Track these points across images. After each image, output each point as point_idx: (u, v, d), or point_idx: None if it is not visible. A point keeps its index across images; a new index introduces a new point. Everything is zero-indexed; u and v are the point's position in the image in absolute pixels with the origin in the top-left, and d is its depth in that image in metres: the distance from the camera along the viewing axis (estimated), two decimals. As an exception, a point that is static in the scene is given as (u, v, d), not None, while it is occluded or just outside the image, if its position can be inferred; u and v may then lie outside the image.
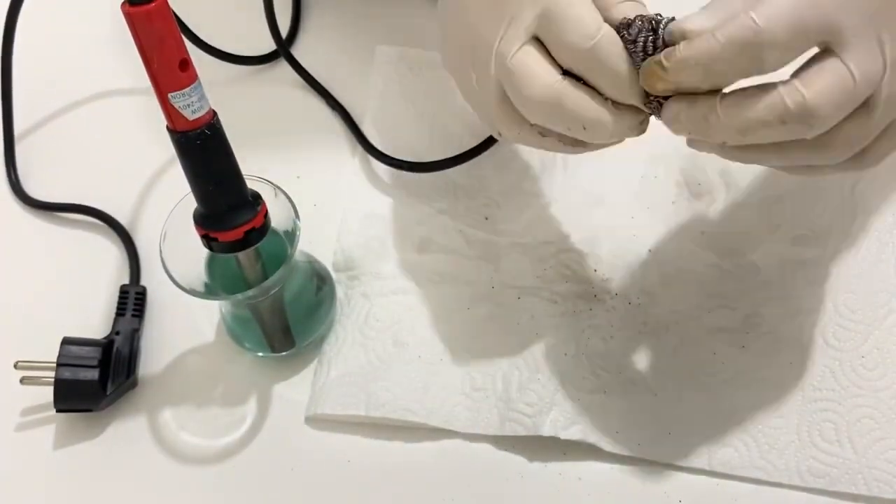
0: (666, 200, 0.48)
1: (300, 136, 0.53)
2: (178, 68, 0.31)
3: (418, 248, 0.48)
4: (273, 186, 0.40)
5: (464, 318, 0.46)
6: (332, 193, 0.51)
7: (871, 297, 0.44)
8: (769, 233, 0.46)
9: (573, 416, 0.42)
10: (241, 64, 0.55)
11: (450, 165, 0.49)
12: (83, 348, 0.44)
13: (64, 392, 0.43)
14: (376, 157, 0.50)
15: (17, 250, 0.51)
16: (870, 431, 0.41)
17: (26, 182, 0.53)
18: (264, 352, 0.45)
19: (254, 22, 0.54)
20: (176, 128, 0.33)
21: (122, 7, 0.30)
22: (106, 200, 0.51)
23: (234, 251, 0.37)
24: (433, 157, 0.50)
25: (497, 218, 0.49)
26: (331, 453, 0.44)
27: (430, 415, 0.43)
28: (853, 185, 0.46)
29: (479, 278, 0.47)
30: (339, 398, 0.44)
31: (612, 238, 0.47)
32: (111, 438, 0.45)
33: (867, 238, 0.45)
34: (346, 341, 0.46)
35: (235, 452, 0.44)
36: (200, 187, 0.35)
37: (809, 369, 0.43)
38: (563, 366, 0.43)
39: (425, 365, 0.45)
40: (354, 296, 0.47)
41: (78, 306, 0.48)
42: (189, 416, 0.45)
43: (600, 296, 0.45)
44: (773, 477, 0.41)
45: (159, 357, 0.47)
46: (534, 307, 0.45)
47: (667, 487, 0.41)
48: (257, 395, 0.46)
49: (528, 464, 0.43)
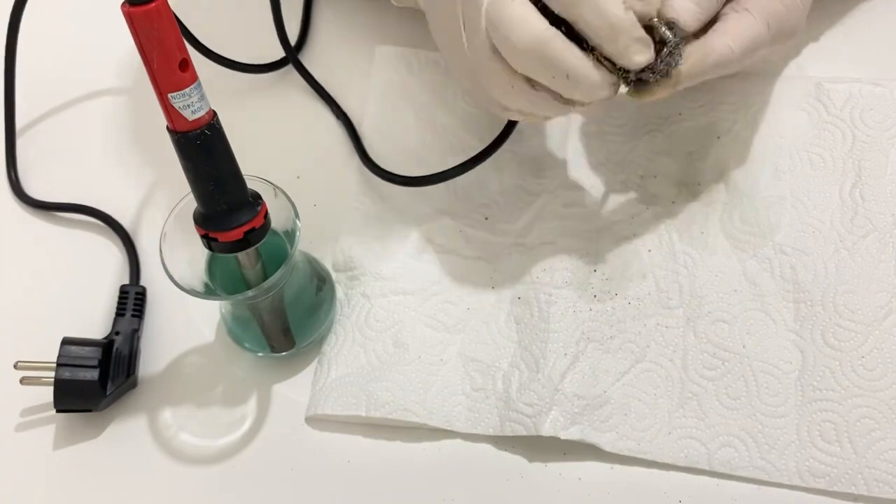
0: (666, 200, 0.48)
1: (300, 136, 0.53)
2: (178, 68, 0.31)
3: (418, 248, 0.48)
4: (273, 186, 0.40)
5: (464, 317, 0.46)
6: (332, 193, 0.51)
7: (871, 297, 0.44)
8: (769, 232, 0.46)
9: (573, 416, 0.42)
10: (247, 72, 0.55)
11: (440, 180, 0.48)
12: (83, 348, 0.44)
13: (64, 392, 0.43)
14: (373, 171, 0.50)
15: (17, 250, 0.51)
16: (870, 431, 0.41)
17: (26, 182, 0.53)
18: (264, 352, 0.45)
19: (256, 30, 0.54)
20: (176, 128, 0.33)
21: (122, 7, 0.30)
22: (106, 200, 0.51)
23: (234, 251, 0.37)
24: (432, 157, 0.50)
25: (497, 218, 0.49)
26: (331, 453, 0.44)
27: (430, 415, 0.43)
28: (853, 185, 0.46)
29: (478, 278, 0.47)
30: (340, 398, 0.44)
31: (612, 238, 0.47)
32: (111, 438, 0.45)
33: (867, 238, 0.45)
34: (346, 341, 0.46)
35: (235, 452, 0.44)
36: (200, 187, 0.35)
37: (809, 369, 0.43)
38: (563, 366, 0.43)
39: (425, 365, 0.45)
40: (354, 296, 0.47)
41: (78, 306, 0.48)
42: (189, 416, 0.45)
43: (600, 296, 0.45)
44: (773, 477, 0.41)
45: (159, 357, 0.47)
46: (534, 307, 0.45)
47: (667, 487, 0.41)
48: (257, 395, 0.46)
49: (528, 464, 0.43)
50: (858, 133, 0.48)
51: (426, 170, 0.50)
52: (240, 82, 0.55)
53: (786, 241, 0.46)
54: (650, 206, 0.48)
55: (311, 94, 0.54)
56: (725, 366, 0.43)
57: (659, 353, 0.44)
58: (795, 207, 0.46)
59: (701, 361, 0.44)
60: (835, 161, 0.47)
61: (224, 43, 0.54)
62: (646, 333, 0.44)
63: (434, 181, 0.48)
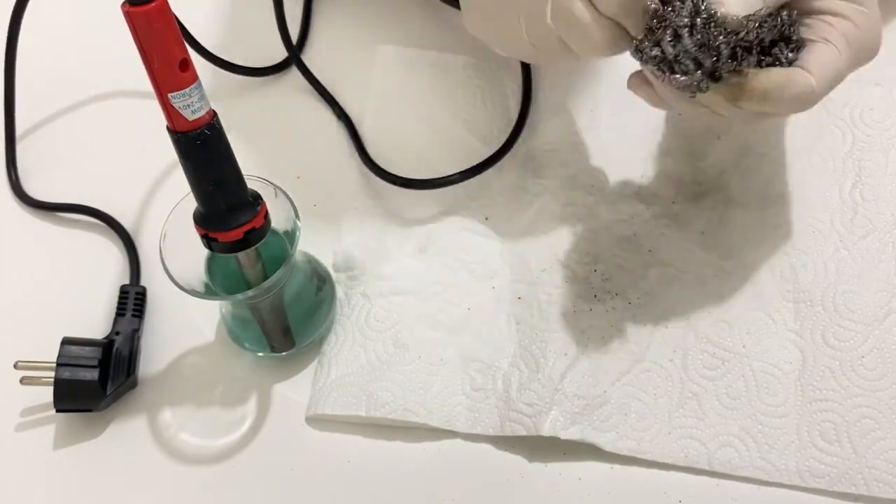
0: (666, 200, 0.48)
1: (300, 136, 0.53)
2: (178, 68, 0.31)
3: (418, 249, 0.48)
4: (273, 186, 0.40)
5: (464, 318, 0.46)
6: (332, 193, 0.51)
7: (871, 297, 0.44)
8: (769, 232, 0.46)
9: (573, 416, 0.42)
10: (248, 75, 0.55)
11: (443, 185, 0.48)
12: (83, 348, 0.44)
13: (64, 392, 0.43)
14: (373, 171, 0.50)
15: (17, 250, 0.51)
16: (870, 431, 0.41)
17: (26, 182, 0.53)
18: (264, 352, 0.45)
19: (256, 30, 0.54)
20: (176, 128, 0.33)
21: (122, 7, 0.30)
22: (106, 200, 0.51)
23: (234, 251, 0.37)
24: (433, 157, 0.50)
25: (497, 218, 0.49)
26: (331, 453, 0.44)
27: (430, 415, 0.43)
28: (853, 185, 0.47)
29: (478, 278, 0.47)
30: (340, 399, 0.44)
31: (612, 238, 0.47)
32: (111, 438, 0.45)
33: (867, 238, 0.45)
34: (346, 341, 0.46)
35: (235, 452, 0.44)
36: (200, 187, 0.35)
37: (809, 369, 0.43)
38: (563, 366, 0.43)
39: (425, 365, 0.45)
40: (354, 296, 0.47)
41: (78, 306, 0.48)
42: (189, 416, 0.45)
43: (600, 296, 0.45)
44: (773, 477, 0.41)
45: (159, 357, 0.47)
46: (534, 307, 0.45)
47: (667, 487, 0.41)
48: (257, 395, 0.46)
49: (528, 464, 0.43)
50: (858, 133, 0.48)
51: (427, 169, 0.50)
52: (240, 82, 0.55)
53: (786, 241, 0.46)
54: (650, 206, 0.48)
55: (311, 94, 0.54)
56: (725, 366, 0.43)
57: (659, 353, 0.44)
58: (795, 207, 0.46)
59: (701, 361, 0.44)
60: (835, 161, 0.47)
61: (224, 43, 0.54)
62: (646, 333, 0.44)
63: (436, 185, 0.48)
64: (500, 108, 0.52)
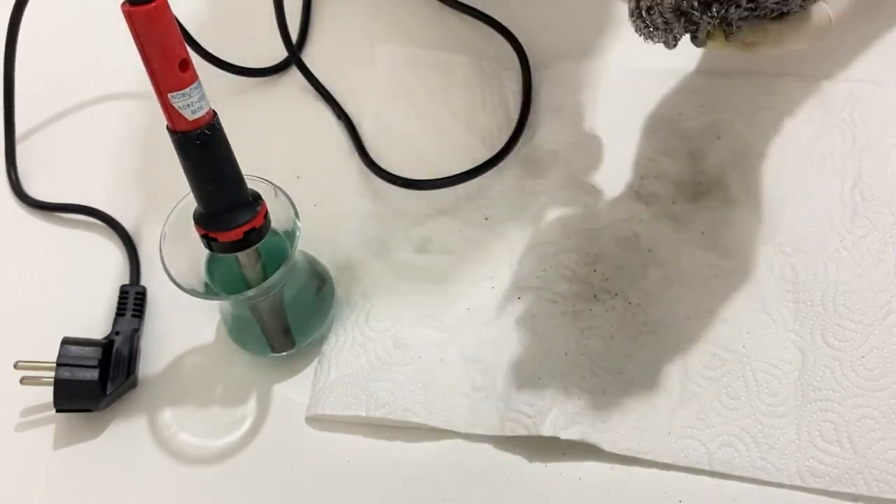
0: (666, 200, 0.48)
1: (300, 136, 0.53)
2: (178, 68, 0.31)
3: (418, 249, 0.48)
4: (273, 186, 0.40)
5: (464, 318, 0.46)
6: (332, 193, 0.51)
7: (871, 297, 0.44)
8: (769, 232, 0.46)
9: (573, 416, 0.42)
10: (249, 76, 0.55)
11: (443, 185, 0.48)
12: (83, 348, 0.44)
13: (64, 392, 0.43)
14: (373, 171, 0.50)
15: (17, 250, 0.51)
16: (870, 431, 0.41)
17: (26, 182, 0.53)
18: (264, 352, 0.45)
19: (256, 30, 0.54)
20: (176, 128, 0.33)
21: (122, 7, 0.30)
22: (106, 200, 0.51)
23: (233, 251, 0.37)
24: (433, 157, 0.51)
25: (497, 218, 0.49)
26: (331, 453, 0.44)
27: (430, 415, 0.43)
28: (853, 185, 0.47)
29: (479, 278, 0.47)
30: (340, 399, 0.44)
31: (612, 238, 0.47)
32: (111, 438, 0.45)
33: (867, 238, 0.45)
34: (346, 341, 0.46)
35: (235, 452, 0.44)
36: (200, 187, 0.35)
37: (809, 369, 0.43)
38: (563, 366, 0.43)
39: (425, 365, 0.45)
40: (354, 296, 0.47)
41: (78, 306, 0.48)
42: (189, 416, 0.45)
43: (600, 296, 0.45)
44: (773, 477, 0.41)
45: (159, 357, 0.47)
46: (534, 307, 0.45)
47: (667, 487, 0.41)
48: (257, 395, 0.46)
49: (528, 464, 0.43)
50: (858, 133, 0.48)
51: (427, 169, 0.50)
52: (240, 82, 0.55)
53: (786, 241, 0.46)
54: (650, 206, 0.48)
55: (311, 94, 0.54)
56: (725, 366, 0.43)
57: (659, 353, 0.44)
58: (795, 207, 0.46)
59: (701, 361, 0.44)
60: (835, 161, 0.47)
61: (224, 43, 0.54)
62: (646, 333, 0.44)
63: (436, 185, 0.48)
64: (501, 107, 0.52)
